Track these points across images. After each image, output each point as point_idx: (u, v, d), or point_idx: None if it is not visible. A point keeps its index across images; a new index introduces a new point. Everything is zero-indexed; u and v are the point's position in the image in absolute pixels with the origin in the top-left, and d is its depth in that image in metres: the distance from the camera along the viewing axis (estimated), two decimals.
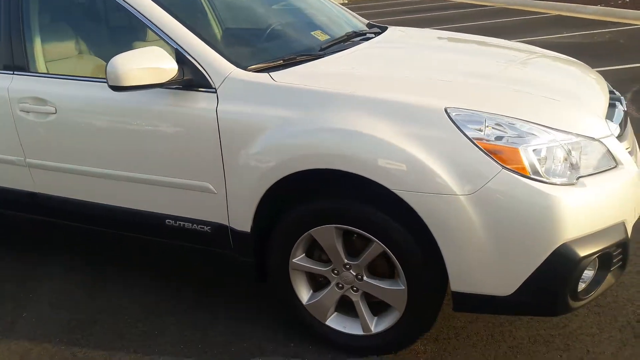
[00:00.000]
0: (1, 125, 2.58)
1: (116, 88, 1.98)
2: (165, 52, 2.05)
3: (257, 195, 2.05)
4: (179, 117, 2.15)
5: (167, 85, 2.07)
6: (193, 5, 2.93)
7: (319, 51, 2.43)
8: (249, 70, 2.12)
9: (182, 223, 2.31)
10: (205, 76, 2.10)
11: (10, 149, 2.63)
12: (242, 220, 2.15)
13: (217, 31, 3.02)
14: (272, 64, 2.21)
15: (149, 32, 2.38)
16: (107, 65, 1.99)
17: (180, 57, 2.13)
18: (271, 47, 2.60)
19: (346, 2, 18.65)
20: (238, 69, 2.11)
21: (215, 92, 2.09)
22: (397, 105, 1.85)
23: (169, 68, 2.04)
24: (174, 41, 2.16)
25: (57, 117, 2.42)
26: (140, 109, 2.22)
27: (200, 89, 2.11)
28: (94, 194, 2.51)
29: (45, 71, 2.52)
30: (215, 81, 2.10)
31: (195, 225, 2.29)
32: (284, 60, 2.25)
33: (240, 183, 2.08)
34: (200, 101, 2.11)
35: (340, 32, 2.81)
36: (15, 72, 2.54)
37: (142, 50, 2.03)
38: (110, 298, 2.70)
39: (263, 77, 2.08)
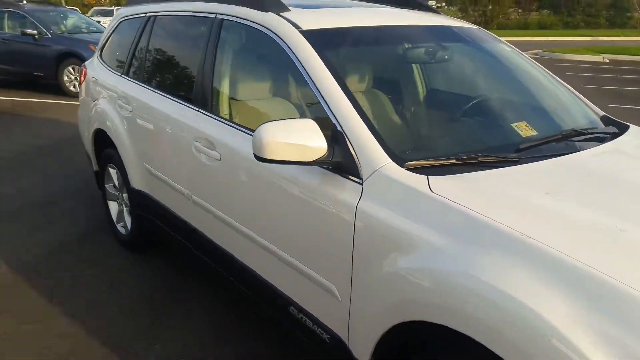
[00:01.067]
0: (181, 156, 2.67)
1: (258, 158, 1.80)
2: (318, 129, 1.79)
3: (381, 327, 1.66)
4: (318, 199, 1.88)
5: (313, 164, 1.82)
6: (380, 66, 2.64)
7: (514, 152, 1.90)
8: (406, 167, 1.74)
9: (303, 317, 2.05)
10: (355, 162, 1.80)
11: (183, 180, 2.70)
12: (361, 346, 1.78)
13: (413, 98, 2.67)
14: (439, 162, 1.79)
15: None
16: (255, 131, 1.83)
17: (335, 135, 1.86)
18: (450, 136, 2.16)
19: (607, 61, 16.25)
20: (392, 162, 1.75)
21: (362, 184, 1.77)
22: (592, 280, 1.25)
23: (318, 147, 1.78)
24: (333, 115, 1.91)
25: (220, 165, 2.38)
26: (284, 177, 2.03)
27: (348, 176, 1.82)
28: (235, 248, 2.42)
29: (225, 116, 2.50)
30: (364, 172, 1.77)
31: (315, 326, 2.00)
32: (457, 159, 1.81)
33: (367, 302, 1.72)
34: (345, 190, 1.81)
35: (555, 128, 2.22)
36: (199, 110, 2.58)
37: (294, 122, 1.81)
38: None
39: (418, 181, 1.67)
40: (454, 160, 1.80)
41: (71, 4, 35.38)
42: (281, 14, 2.32)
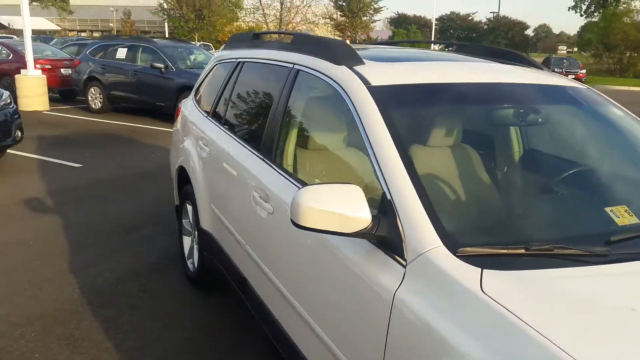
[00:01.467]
0: (241, 204, 2.60)
1: (295, 224, 1.64)
2: (363, 197, 1.59)
3: None
4: (358, 276, 1.67)
5: (354, 236, 1.62)
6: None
7: (602, 245, 1.56)
8: (459, 254, 1.47)
9: None
10: (401, 240, 1.57)
11: (240, 228, 2.62)
12: None
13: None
14: (502, 251, 1.51)
15: None
16: (295, 194, 1.67)
17: (384, 204, 1.66)
18: (525, 216, 1.85)
19: None
20: (442, 246, 1.49)
21: (405, 267, 1.54)
22: None
23: (360, 217, 1.58)
24: (385, 181, 1.70)
25: (272, 219, 2.25)
26: (328, 244, 1.84)
27: (393, 255, 1.59)
28: (276, 308, 2.26)
29: (286, 167, 2.39)
30: (408, 252, 1.54)
31: None
32: (526, 249, 1.51)
33: None
34: (386, 271, 1.58)
35: None
36: (264, 159, 2.50)
37: (337, 187, 1.62)
38: None
39: (468, 274, 1.40)
40: (523, 250, 1.51)
41: (207, 40, 38.60)
42: (354, 67, 2.18)
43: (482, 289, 1.34)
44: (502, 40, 54.91)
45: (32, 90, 11.53)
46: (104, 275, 3.70)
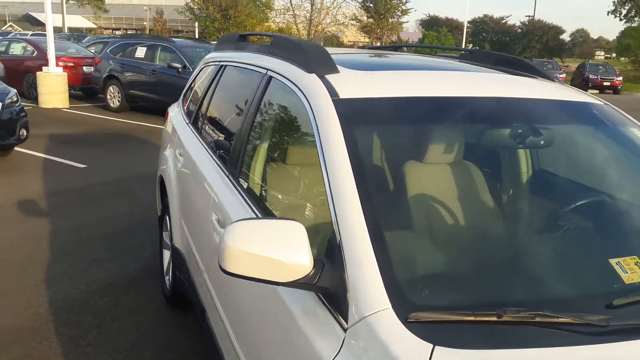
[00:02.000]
0: (203, 225, 2.32)
1: (221, 268, 1.35)
2: (303, 237, 1.29)
3: None
4: (300, 331, 1.38)
5: (290, 286, 1.33)
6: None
7: (601, 311, 1.24)
8: (411, 320, 1.16)
9: None
10: (342, 299, 1.27)
11: (202, 251, 2.35)
12: None
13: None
14: (466, 318, 1.19)
15: None
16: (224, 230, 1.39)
17: (332, 247, 1.36)
18: (505, 270, 1.52)
19: None
20: (390, 309, 1.18)
21: (345, 332, 1.23)
22: None
23: (298, 265, 1.28)
24: (336, 217, 1.40)
25: None
26: (277, 289, 1.55)
27: (336, 313, 1.29)
28: (225, 347, 1.97)
29: (249, 188, 2.10)
30: (350, 315, 1.23)
31: None
32: (498, 316, 1.19)
33: None
34: (325, 335, 1.27)
35: None
36: (228, 176, 2.22)
37: (273, 224, 1.33)
38: None
39: (415, 351, 1.09)
40: (494, 318, 1.19)
41: None
42: (326, 76, 1.88)
43: None
44: (536, 44, 53.44)
45: (53, 88, 11.56)
46: (78, 288, 3.49)
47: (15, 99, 6.52)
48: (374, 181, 1.63)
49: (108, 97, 11.67)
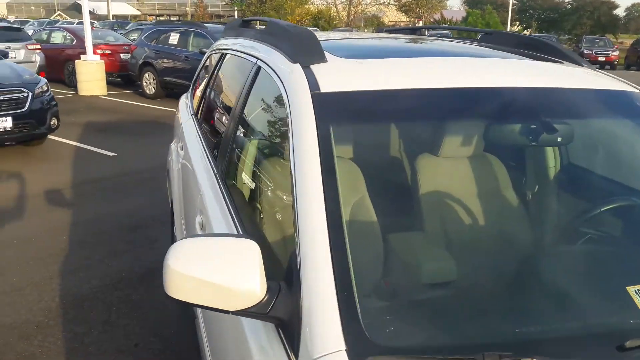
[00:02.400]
0: (190, 227, 2.20)
1: (166, 294, 1.20)
2: (256, 259, 1.13)
3: None
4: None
5: (239, 314, 1.17)
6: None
7: (610, 354, 1.03)
8: None
9: None
10: (296, 334, 1.10)
11: None
12: None
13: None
14: None
15: None
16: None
17: (291, 272, 1.19)
18: (493, 305, 1.31)
19: None
20: (343, 352, 1.01)
21: None
22: None
23: (248, 292, 1.12)
24: (298, 235, 1.23)
25: None
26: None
27: (289, 348, 1.12)
28: None
29: (232, 188, 1.95)
30: (300, 355, 1.07)
31: None
32: None
33: None
34: None
35: None
36: (215, 174, 2.08)
37: (222, 243, 1.16)
38: None
39: None
40: None
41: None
42: (311, 65, 1.69)
43: None
44: (587, 21, 50.73)
45: (91, 75, 11.76)
46: (90, 282, 3.47)
47: (46, 88, 6.59)
48: (347, 196, 1.44)
49: (144, 84, 11.78)
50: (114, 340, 2.87)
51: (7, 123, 5.95)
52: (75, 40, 13.13)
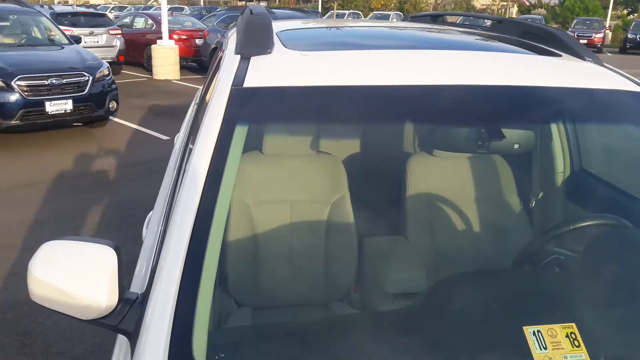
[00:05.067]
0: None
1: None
2: (112, 268, 1.06)
3: None
4: None
5: (92, 324, 1.12)
6: None
7: None
8: None
9: None
10: (136, 342, 1.03)
11: None
12: None
13: None
14: None
15: None
16: None
17: (151, 280, 1.12)
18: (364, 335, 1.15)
19: None
20: None
21: None
22: None
23: (97, 302, 1.06)
24: (162, 244, 1.15)
25: None
26: None
27: None
28: None
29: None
30: None
31: None
32: None
33: None
34: None
35: None
36: (176, 168, 2.04)
37: (80, 247, 1.11)
38: None
39: None
40: None
41: (359, 8, 38.23)
42: (252, 57, 1.58)
43: None
44: None
45: (165, 60, 12.24)
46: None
47: (107, 72, 6.92)
48: (235, 200, 1.34)
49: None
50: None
51: (67, 105, 6.32)
52: (154, 26, 13.72)
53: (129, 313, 1.08)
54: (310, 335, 1.14)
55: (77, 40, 7.91)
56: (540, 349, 0.99)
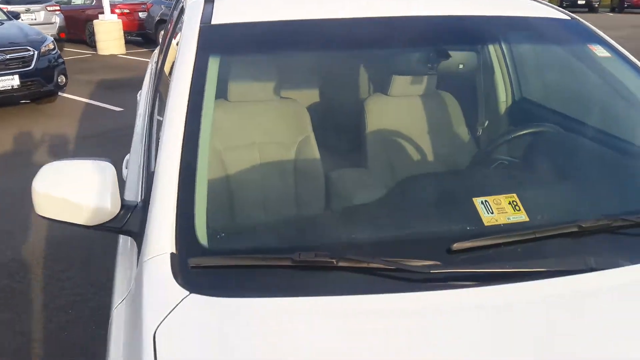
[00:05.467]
0: None
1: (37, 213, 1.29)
2: (111, 180, 1.21)
3: None
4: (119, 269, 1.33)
5: (98, 229, 1.25)
6: None
7: (422, 264, 1.06)
8: (191, 265, 1.07)
9: None
10: (140, 242, 1.18)
11: None
12: None
13: None
14: (243, 262, 1.08)
15: None
16: None
17: (148, 190, 1.26)
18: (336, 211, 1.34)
19: None
20: (167, 255, 1.08)
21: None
22: None
23: (103, 208, 1.20)
24: (156, 154, 1.29)
25: None
26: None
27: (137, 256, 1.20)
28: None
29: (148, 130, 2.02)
30: (139, 259, 1.15)
31: None
32: (293, 261, 1.05)
33: None
34: (129, 278, 1.21)
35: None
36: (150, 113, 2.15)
37: (82, 165, 1.24)
38: None
39: (173, 295, 1.00)
40: (288, 262, 1.05)
41: None
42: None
43: (154, 333, 0.92)
44: None
45: (109, 35, 11.90)
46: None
47: (52, 46, 6.74)
48: (214, 123, 1.48)
49: (160, 41, 11.84)
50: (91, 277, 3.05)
51: (14, 81, 6.16)
52: (94, 1, 13.24)
53: (132, 216, 1.22)
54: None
55: (15, 16, 7.62)
56: (488, 214, 1.20)
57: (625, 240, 1.17)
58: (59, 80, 6.70)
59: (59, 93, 7.11)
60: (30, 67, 6.31)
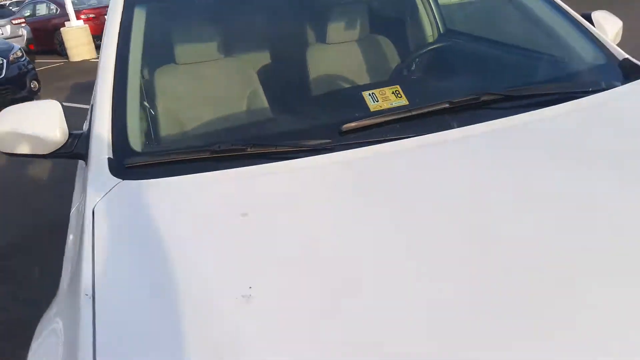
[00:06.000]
0: None
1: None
2: (57, 112, 1.47)
3: None
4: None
5: (51, 157, 1.50)
6: None
7: (321, 142, 1.33)
8: (128, 166, 1.32)
9: None
10: (86, 157, 1.42)
11: None
12: None
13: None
14: (170, 159, 1.33)
15: None
16: None
17: (91, 119, 1.50)
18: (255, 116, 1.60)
19: None
20: (105, 158, 1.34)
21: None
22: None
23: (54, 137, 1.45)
24: (96, 89, 1.54)
25: None
26: None
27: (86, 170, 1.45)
28: None
29: None
30: (88, 170, 1.39)
31: None
32: (212, 152, 1.30)
33: None
34: (86, 188, 1.46)
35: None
36: None
37: (34, 106, 1.51)
38: None
39: (107, 183, 1.26)
40: (207, 154, 1.30)
41: None
42: None
43: (93, 210, 1.18)
44: None
45: (77, 41, 12.00)
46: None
47: (20, 54, 6.90)
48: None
49: None
50: None
51: None
52: (59, 9, 13.29)
53: (79, 142, 1.45)
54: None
55: None
56: (374, 102, 1.44)
57: (487, 110, 1.42)
58: (31, 86, 6.87)
59: (33, 99, 7.28)
60: (1, 76, 6.47)
